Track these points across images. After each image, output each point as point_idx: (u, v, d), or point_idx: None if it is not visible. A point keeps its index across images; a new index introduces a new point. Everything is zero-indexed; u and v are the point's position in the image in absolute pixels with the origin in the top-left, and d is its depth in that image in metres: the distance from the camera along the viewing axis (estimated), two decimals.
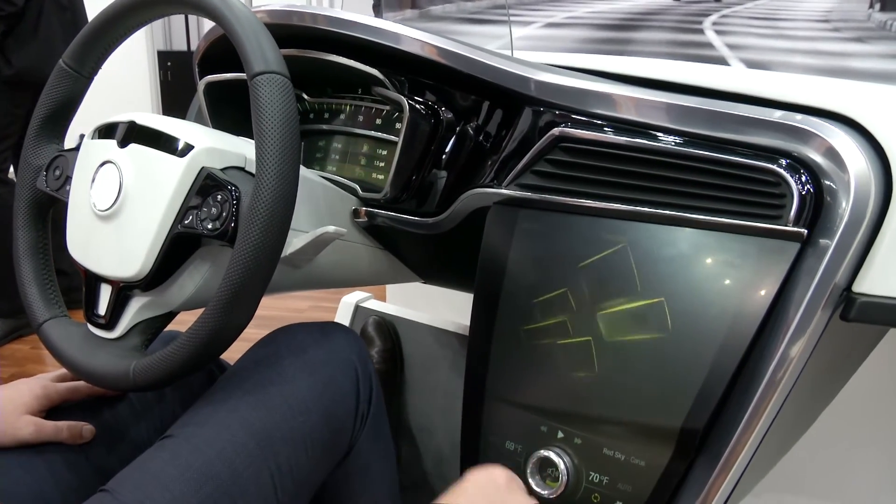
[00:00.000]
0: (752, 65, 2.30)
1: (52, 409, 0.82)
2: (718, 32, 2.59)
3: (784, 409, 0.66)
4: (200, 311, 0.78)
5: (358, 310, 1.47)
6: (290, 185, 0.65)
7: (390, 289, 1.84)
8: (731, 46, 2.48)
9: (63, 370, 0.85)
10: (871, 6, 2.43)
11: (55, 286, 0.82)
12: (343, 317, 1.49)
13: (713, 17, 2.74)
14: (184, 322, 0.80)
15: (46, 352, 0.78)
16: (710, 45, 2.52)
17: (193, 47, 5.65)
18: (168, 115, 0.76)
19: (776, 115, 0.65)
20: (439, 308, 1.56)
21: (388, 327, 1.37)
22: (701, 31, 2.61)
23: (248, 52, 0.67)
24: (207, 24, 0.81)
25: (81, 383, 0.84)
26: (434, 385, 1.34)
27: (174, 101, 5.63)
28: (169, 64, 5.72)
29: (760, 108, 0.66)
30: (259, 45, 0.67)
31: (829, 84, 0.73)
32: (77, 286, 0.80)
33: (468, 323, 1.36)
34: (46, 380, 0.84)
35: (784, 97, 0.70)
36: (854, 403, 1.04)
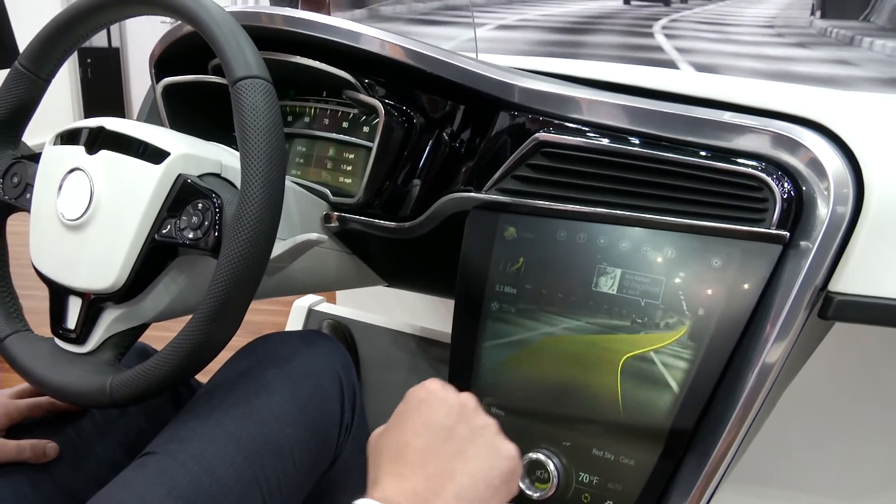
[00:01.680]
0: (700, 68, 2.37)
1: (12, 428, 0.79)
2: (668, 36, 2.66)
3: (764, 405, 0.68)
4: (171, 321, 0.77)
5: (311, 313, 1.45)
6: (277, 193, 0.63)
7: (340, 291, 1.82)
8: (680, 50, 2.54)
9: (22, 386, 0.81)
10: (813, 13, 2.53)
11: (15, 299, 0.78)
12: (296, 321, 1.47)
13: (663, 22, 2.80)
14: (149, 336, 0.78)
15: None
16: (659, 49, 2.58)
17: (115, 44, 5.49)
18: (91, 115, 0.73)
19: (757, 121, 0.66)
20: (392, 309, 1.55)
21: (343, 330, 1.36)
22: (651, 35, 2.67)
23: (229, 57, 0.65)
24: (131, 20, 0.78)
25: (43, 399, 0.81)
26: (391, 387, 1.34)
27: (96, 99, 5.44)
28: (89, 61, 5.51)
29: (741, 114, 0.68)
30: (240, 50, 0.66)
31: (797, 90, 0.75)
32: None
33: (424, 324, 1.37)
34: (5, 397, 0.81)
35: (754, 103, 0.72)
36: (836, 399, 1.09)
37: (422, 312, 1.58)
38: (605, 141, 0.71)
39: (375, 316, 1.39)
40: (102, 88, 5.46)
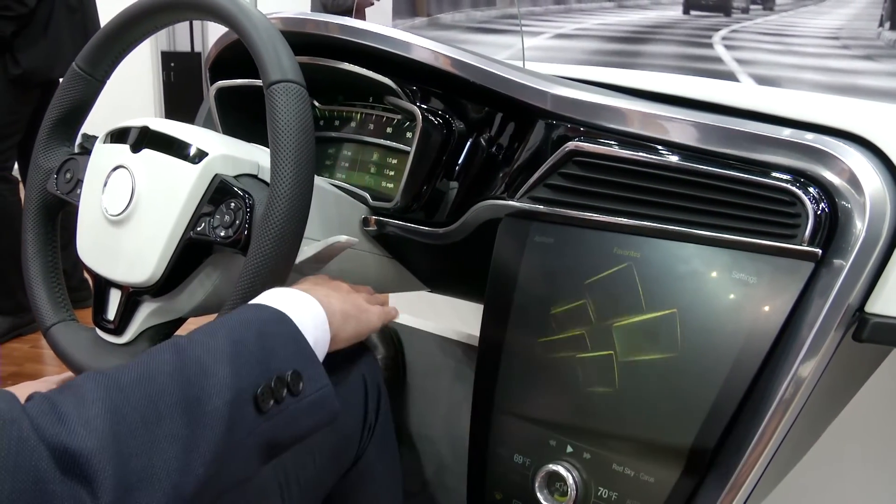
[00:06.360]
0: (760, 80, 2.31)
1: None
2: (728, 47, 2.59)
3: (793, 429, 0.66)
4: (208, 317, 0.79)
5: None
6: (304, 194, 0.65)
7: (393, 296, 1.83)
8: (740, 61, 2.47)
9: (68, 373, 0.85)
10: (881, 25, 2.41)
11: (63, 289, 0.82)
12: None
13: (723, 32, 2.72)
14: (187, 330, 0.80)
15: (46, 351, 0.78)
16: (719, 60, 2.51)
17: (197, 49, 5.68)
18: (172, 117, 0.76)
19: (792, 134, 0.64)
20: (443, 316, 1.55)
21: (391, 334, 1.37)
22: (710, 46, 2.60)
23: (264, 61, 0.67)
24: (213, 26, 0.81)
25: None
26: (436, 393, 1.34)
27: (178, 102, 5.63)
28: (172, 65, 5.71)
29: (775, 126, 0.66)
30: (276, 54, 0.67)
31: (841, 102, 0.73)
32: (75, 286, 0.80)
33: (472, 332, 1.37)
34: (52, 383, 0.84)
35: (797, 115, 0.70)
36: (862, 419, 1.04)
37: (473, 319, 1.58)
38: (638, 151, 0.70)
39: (424, 321, 1.39)
40: (184, 91, 5.65)
